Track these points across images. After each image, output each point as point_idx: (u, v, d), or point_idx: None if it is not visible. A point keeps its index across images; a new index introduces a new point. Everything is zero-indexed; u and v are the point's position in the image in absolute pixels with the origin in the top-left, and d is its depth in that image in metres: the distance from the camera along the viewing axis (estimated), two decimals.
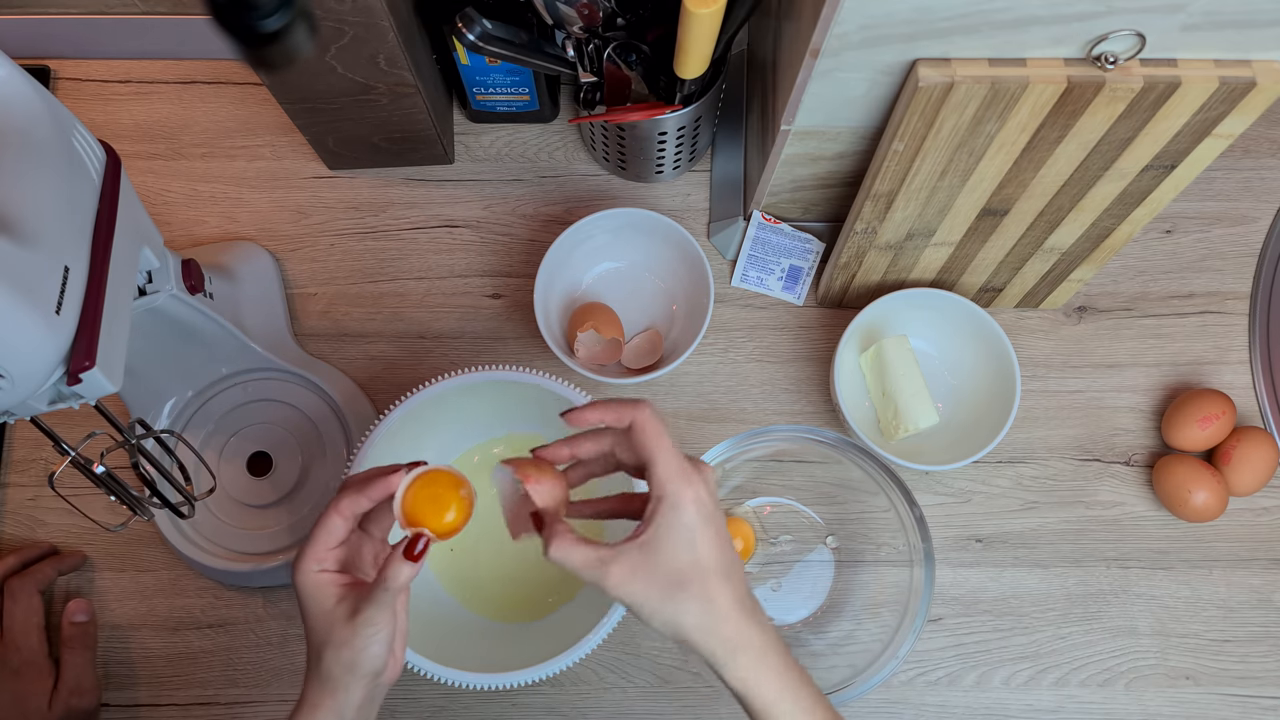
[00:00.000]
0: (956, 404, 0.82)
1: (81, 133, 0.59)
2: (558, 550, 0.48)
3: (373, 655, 0.50)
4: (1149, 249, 0.87)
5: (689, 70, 0.70)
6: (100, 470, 0.61)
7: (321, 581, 0.51)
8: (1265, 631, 0.81)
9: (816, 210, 0.83)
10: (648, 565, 0.47)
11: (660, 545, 0.47)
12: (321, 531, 0.52)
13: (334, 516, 0.52)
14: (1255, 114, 0.60)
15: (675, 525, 0.47)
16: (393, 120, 0.80)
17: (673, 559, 0.47)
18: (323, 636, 0.51)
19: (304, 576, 0.52)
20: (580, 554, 0.48)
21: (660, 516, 0.47)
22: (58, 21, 0.86)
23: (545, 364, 0.83)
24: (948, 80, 0.57)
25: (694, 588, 0.47)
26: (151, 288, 0.68)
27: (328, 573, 0.52)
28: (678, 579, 0.47)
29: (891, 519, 0.77)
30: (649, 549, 0.47)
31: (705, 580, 0.47)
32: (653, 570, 0.47)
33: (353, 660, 0.50)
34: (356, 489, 0.52)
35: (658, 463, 0.47)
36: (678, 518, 0.47)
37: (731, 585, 0.48)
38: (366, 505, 0.52)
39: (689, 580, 0.47)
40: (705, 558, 0.47)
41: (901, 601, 0.75)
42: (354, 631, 0.50)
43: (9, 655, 0.73)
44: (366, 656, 0.50)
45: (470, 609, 0.77)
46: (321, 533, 0.52)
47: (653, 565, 0.47)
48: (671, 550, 0.47)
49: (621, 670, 0.80)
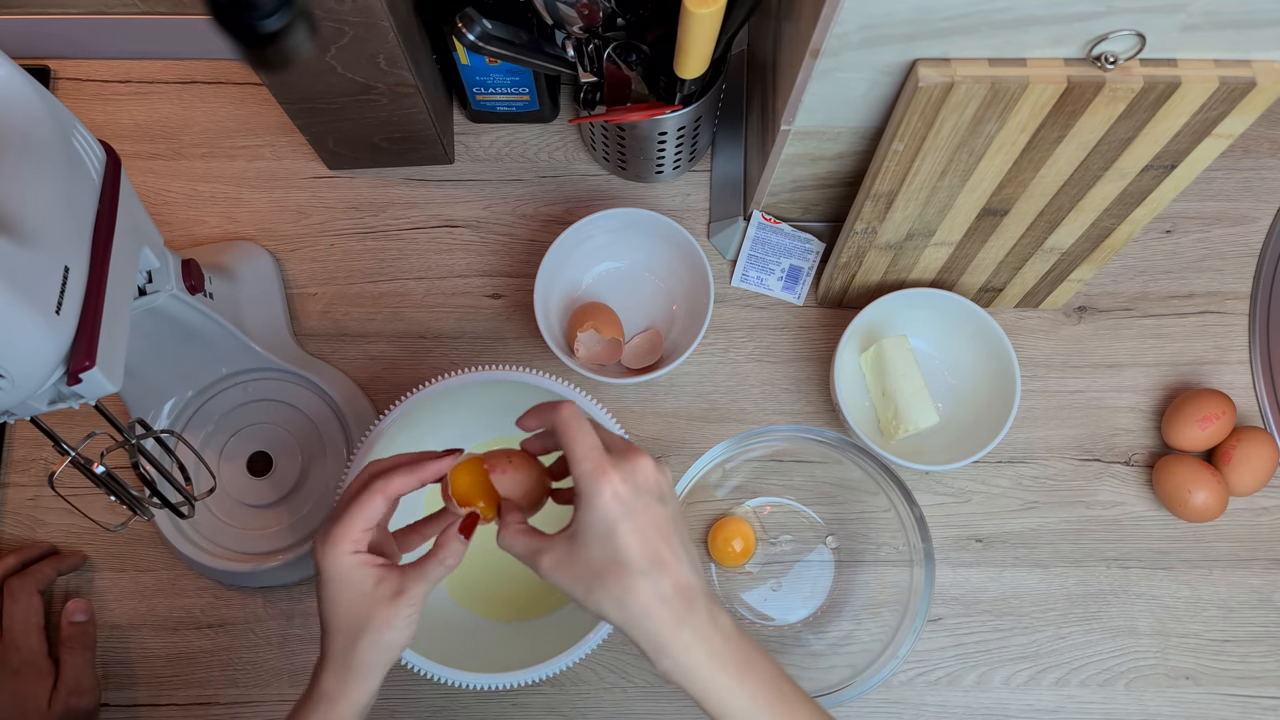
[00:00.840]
0: (956, 404, 0.82)
1: (81, 133, 0.59)
2: (503, 538, 0.51)
3: (409, 637, 0.51)
4: (1149, 249, 0.87)
5: (689, 70, 0.70)
6: (100, 470, 0.61)
7: (358, 563, 0.51)
8: (1265, 631, 0.81)
9: (816, 210, 0.83)
10: (571, 557, 0.48)
11: (580, 540, 0.48)
12: (360, 512, 0.51)
13: (378, 497, 0.51)
14: (1255, 114, 0.60)
15: (591, 522, 0.47)
16: (393, 120, 0.80)
17: (591, 554, 0.47)
18: (358, 621, 0.50)
19: (339, 559, 0.50)
20: (520, 543, 0.50)
21: (579, 512, 0.48)
22: (58, 21, 0.86)
23: (545, 364, 0.83)
24: (948, 80, 0.57)
25: (610, 583, 0.47)
26: (151, 288, 0.68)
27: (362, 554, 0.51)
28: (596, 573, 0.47)
29: (891, 519, 0.77)
30: (573, 542, 0.48)
31: (622, 577, 0.47)
32: (574, 563, 0.48)
33: (392, 642, 0.51)
34: (408, 470, 0.52)
35: (575, 461, 0.48)
36: (593, 514, 0.47)
37: (654, 578, 0.47)
38: (416, 486, 0.52)
39: (605, 575, 0.47)
40: (624, 553, 0.47)
41: (901, 601, 0.75)
42: (396, 611, 0.50)
43: (8, 655, 0.73)
44: (405, 638, 0.51)
45: (470, 609, 0.77)
46: (360, 513, 0.51)
47: (574, 558, 0.48)
48: (589, 545, 0.47)
49: (621, 670, 0.80)
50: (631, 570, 0.47)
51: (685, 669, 0.47)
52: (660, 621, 0.47)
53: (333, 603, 0.51)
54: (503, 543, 0.52)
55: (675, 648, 0.47)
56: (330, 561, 0.51)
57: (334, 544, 0.51)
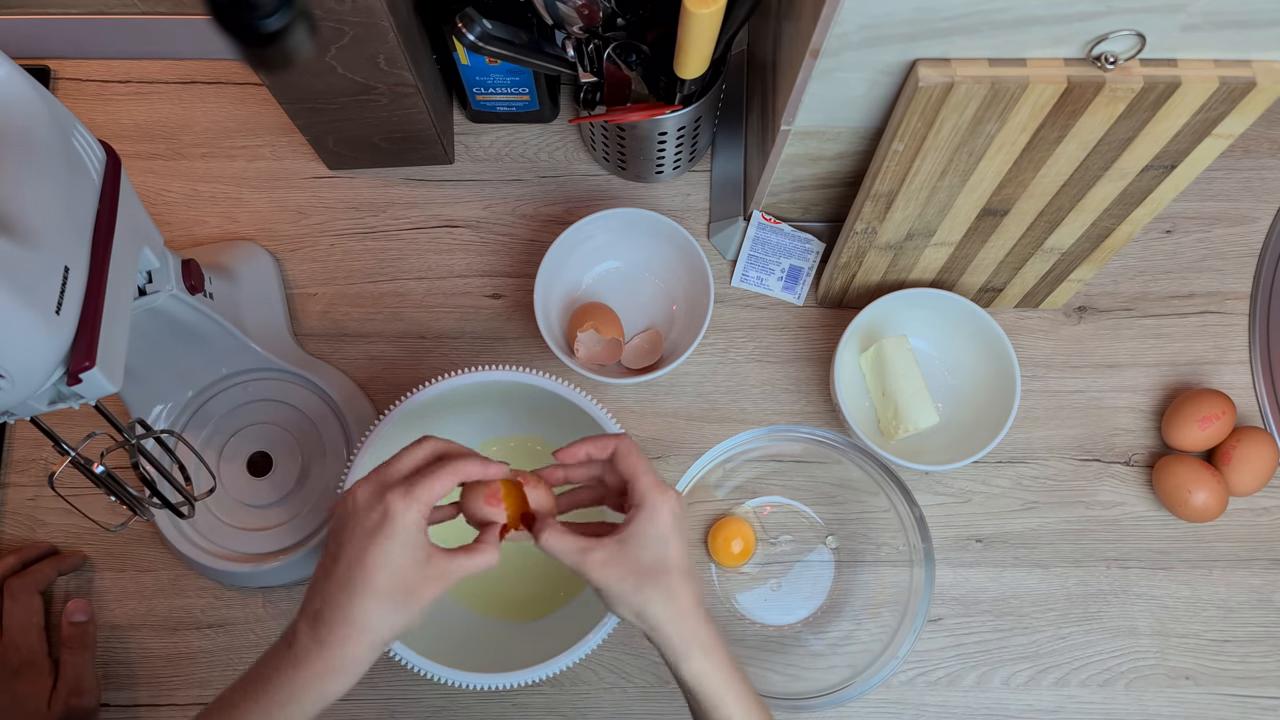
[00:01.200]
0: (956, 404, 0.82)
1: (81, 133, 0.59)
2: (548, 539, 0.54)
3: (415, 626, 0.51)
4: (1149, 249, 0.87)
5: (689, 70, 0.70)
6: (100, 470, 0.61)
7: (423, 530, 0.51)
8: (1265, 631, 0.81)
9: (816, 210, 0.83)
10: (623, 556, 0.53)
11: (636, 541, 0.53)
12: (438, 483, 0.52)
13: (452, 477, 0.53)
14: (1255, 114, 0.60)
15: (651, 526, 0.53)
16: (393, 120, 0.80)
17: (645, 554, 0.53)
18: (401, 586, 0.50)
19: (412, 517, 0.50)
20: (567, 542, 0.54)
21: (639, 518, 0.54)
22: (58, 21, 0.86)
23: (545, 364, 0.83)
24: (948, 80, 0.57)
25: (661, 582, 0.53)
26: (151, 288, 0.68)
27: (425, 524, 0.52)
28: (648, 572, 0.53)
29: (891, 519, 0.77)
30: (626, 543, 0.53)
31: (671, 577, 0.53)
32: (626, 562, 0.53)
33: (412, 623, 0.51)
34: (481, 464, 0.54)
35: (638, 477, 0.55)
36: (654, 520, 0.53)
37: (692, 586, 0.54)
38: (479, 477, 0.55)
39: (658, 575, 0.53)
40: (674, 558, 0.54)
41: (901, 601, 0.75)
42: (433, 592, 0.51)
43: (8, 655, 0.73)
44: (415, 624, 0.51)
45: (470, 608, 0.77)
46: (438, 484, 0.52)
47: (627, 557, 0.53)
48: (645, 547, 0.53)
49: (621, 670, 0.80)
50: (678, 571, 0.53)
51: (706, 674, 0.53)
52: (696, 620, 0.54)
53: (385, 557, 0.49)
54: (547, 543, 0.55)
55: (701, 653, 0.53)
56: (405, 517, 0.50)
57: (414, 501, 0.51)
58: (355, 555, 0.50)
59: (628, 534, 0.53)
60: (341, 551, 0.51)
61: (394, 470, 0.53)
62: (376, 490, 0.52)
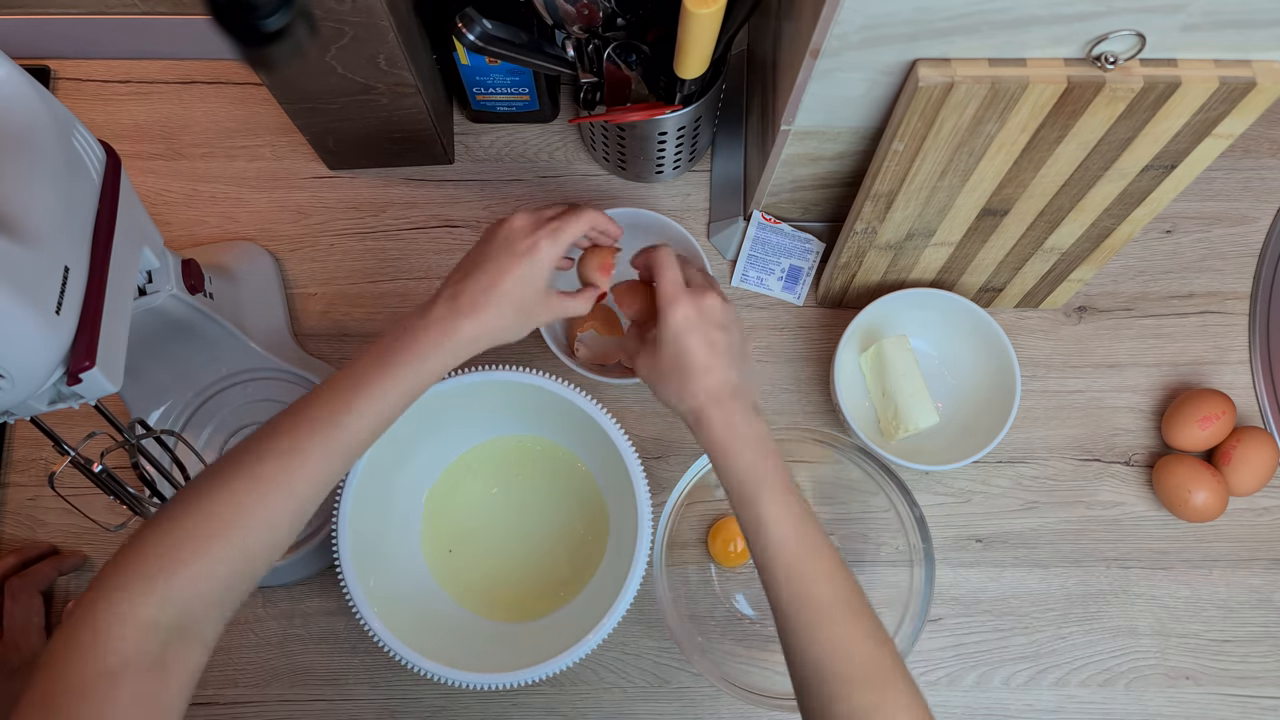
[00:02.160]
0: (956, 404, 0.82)
1: (81, 133, 0.59)
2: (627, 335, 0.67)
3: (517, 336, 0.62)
4: (1149, 249, 0.87)
5: (689, 70, 0.70)
6: (100, 470, 0.61)
7: (552, 268, 0.61)
8: (1265, 631, 0.81)
9: (816, 210, 0.83)
10: (652, 358, 0.62)
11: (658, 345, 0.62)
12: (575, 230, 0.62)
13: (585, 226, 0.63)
14: (1255, 114, 0.60)
15: (665, 334, 0.61)
16: (393, 120, 0.80)
17: (663, 356, 0.62)
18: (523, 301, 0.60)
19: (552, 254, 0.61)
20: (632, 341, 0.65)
21: (659, 327, 0.62)
22: (58, 21, 0.86)
23: (545, 364, 0.83)
24: (948, 80, 0.57)
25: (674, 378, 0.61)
26: (151, 288, 0.68)
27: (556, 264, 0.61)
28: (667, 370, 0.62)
29: (891, 519, 0.77)
30: (653, 347, 0.62)
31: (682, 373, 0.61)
32: (654, 362, 0.62)
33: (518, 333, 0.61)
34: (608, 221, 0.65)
35: (660, 288, 0.62)
36: (667, 328, 0.61)
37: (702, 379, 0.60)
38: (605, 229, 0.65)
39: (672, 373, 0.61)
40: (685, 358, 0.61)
41: (902, 602, 0.75)
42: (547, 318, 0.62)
43: (8, 655, 0.73)
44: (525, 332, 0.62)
45: (470, 609, 0.77)
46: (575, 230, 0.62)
47: (654, 358, 0.62)
48: (663, 350, 0.61)
49: (621, 670, 0.80)
50: (689, 370, 0.60)
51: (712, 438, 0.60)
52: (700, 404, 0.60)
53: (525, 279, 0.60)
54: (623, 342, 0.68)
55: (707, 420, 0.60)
56: (549, 253, 0.61)
57: (559, 242, 0.61)
58: (503, 267, 0.60)
59: (654, 337, 0.62)
60: (489, 261, 0.61)
61: (546, 212, 0.63)
62: (533, 223, 0.62)
